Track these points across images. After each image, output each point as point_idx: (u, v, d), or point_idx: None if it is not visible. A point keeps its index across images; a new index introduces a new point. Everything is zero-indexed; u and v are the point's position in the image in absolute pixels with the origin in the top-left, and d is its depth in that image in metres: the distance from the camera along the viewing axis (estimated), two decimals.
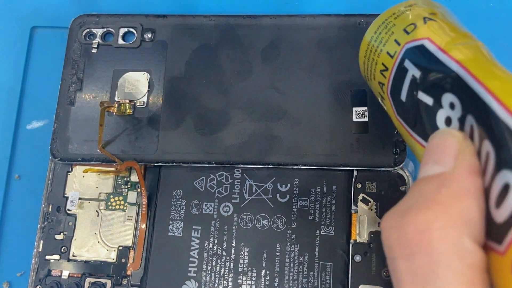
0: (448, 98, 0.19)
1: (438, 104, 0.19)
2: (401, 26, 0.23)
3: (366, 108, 0.31)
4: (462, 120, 0.18)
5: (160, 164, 0.32)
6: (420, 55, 0.21)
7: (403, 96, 0.22)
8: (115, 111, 0.33)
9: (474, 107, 0.17)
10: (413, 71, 0.21)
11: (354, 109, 0.31)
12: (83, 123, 0.33)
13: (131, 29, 0.34)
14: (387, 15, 0.24)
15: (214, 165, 0.31)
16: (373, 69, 0.25)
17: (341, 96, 0.32)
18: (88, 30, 0.35)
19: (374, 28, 0.24)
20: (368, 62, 0.25)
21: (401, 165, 0.30)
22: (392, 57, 0.23)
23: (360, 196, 0.30)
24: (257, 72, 0.33)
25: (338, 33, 0.33)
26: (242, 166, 0.32)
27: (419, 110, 0.21)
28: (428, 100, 0.20)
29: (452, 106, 0.18)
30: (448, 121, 0.18)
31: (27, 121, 0.35)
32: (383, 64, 0.24)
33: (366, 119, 0.31)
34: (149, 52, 0.34)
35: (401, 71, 0.22)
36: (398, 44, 0.22)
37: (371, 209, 0.30)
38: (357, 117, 0.31)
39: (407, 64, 0.21)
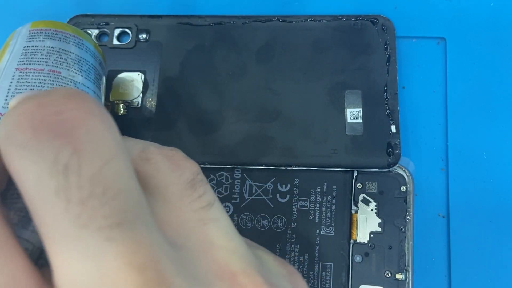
0: None
1: None
2: None
3: (360, 109, 0.32)
4: None
5: None
6: None
7: None
8: (109, 111, 0.32)
9: None
10: None
11: (348, 110, 0.32)
12: None
13: (126, 30, 0.34)
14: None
15: (208, 166, 0.31)
16: None
17: (335, 97, 0.32)
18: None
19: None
20: None
21: (394, 167, 0.30)
22: None
23: (361, 197, 0.31)
24: (251, 73, 0.33)
25: (332, 34, 0.33)
26: (236, 166, 0.32)
27: None
28: None
29: None
30: None
31: None
32: None
33: (360, 120, 0.31)
34: (143, 53, 0.34)
35: None
36: None
37: (372, 210, 0.31)
38: (351, 118, 0.32)
39: None
